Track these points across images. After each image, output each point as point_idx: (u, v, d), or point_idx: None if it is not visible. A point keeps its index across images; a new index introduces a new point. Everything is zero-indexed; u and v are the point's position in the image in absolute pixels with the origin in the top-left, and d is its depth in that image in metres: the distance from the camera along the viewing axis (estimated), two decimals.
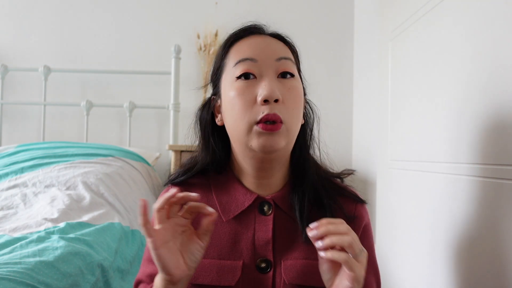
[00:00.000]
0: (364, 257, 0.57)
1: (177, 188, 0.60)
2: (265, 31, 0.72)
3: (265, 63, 0.65)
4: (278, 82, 0.65)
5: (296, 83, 0.67)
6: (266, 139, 0.62)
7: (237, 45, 0.69)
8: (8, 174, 1.51)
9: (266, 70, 0.65)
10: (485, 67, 0.87)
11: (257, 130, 0.63)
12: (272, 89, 0.62)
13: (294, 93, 0.66)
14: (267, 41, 0.69)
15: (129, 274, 1.10)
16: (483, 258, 0.84)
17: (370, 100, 1.87)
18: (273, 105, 0.62)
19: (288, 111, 0.64)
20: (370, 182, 1.81)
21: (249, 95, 0.64)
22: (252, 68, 0.65)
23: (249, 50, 0.67)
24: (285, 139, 0.64)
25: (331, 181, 0.75)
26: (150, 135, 2.16)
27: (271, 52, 0.67)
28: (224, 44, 0.71)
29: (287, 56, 0.68)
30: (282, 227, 0.70)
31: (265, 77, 0.64)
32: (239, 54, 0.67)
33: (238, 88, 0.65)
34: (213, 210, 0.61)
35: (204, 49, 2.10)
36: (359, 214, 0.73)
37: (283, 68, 0.66)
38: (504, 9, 0.81)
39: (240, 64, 0.66)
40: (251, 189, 0.71)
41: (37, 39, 2.16)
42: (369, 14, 1.93)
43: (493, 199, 0.83)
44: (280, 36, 0.72)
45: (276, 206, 0.70)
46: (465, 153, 0.94)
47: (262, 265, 0.67)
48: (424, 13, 1.18)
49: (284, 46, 0.70)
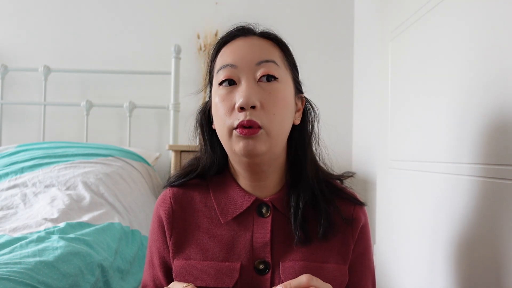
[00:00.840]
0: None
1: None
2: (254, 31, 0.70)
3: (244, 68, 0.65)
4: (258, 87, 0.65)
5: (278, 85, 0.66)
6: (245, 143, 0.63)
7: (223, 50, 0.69)
8: (8, 174, 1.51)
9: (245, 76, 0.65)
10: (486, 67, 0.87)
11: (236, 134, 0.64)
12: (247, 96, 0.62)
13: (274, 96, 0.65)
14: (251, 44, 0.67)
15: (129, 274, 1.10)
16: (483, 258, 0.84)
17: (370, 100, 1.87)
18: (250, 112, 0.63)
19: (267, 116, 0.64)
20: (370, 182, 1.81)
21: (229, 102, 0.65)
22: (231, 74, 0.65)
23: (230, 55, 0.67)
24: (265, 144, 0.64)
25: (330, 182, 0.75)
26: (150, 135, 2.16)
27: (251, 56, 0.66)
28: (214, 48, 0.72)
29: (268, 59, 0.66)
30: (280, 229, 0.69)
31: (243, 82, 0.64)
32: (221, 60, 0.68)
33: (220, 94, 0.66)
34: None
35: (204, 49, 2.10)
36: (357, 216, 0.73)
37: (263, 72, 0.65)
38: (505, 9, 0.81)
39: (222, 70, 0.66)
40: (248, 191, 0.71)
41: (37, 39, 2.16)
42: (369, 14, 1.93)
43: (493, 199, 0.83)
44: (268, 35, 0.70)
45: (274, 208, 0.70)
46: (465, 153, 0.93)
47: (260, 267, 0.67)
48: (424, 13, 1.18)
49: (270, 46, 0.68)
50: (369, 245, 0.75)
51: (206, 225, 0.70)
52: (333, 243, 0.70)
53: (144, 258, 1.22)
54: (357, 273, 0.72)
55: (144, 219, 1.46)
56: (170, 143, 1.98)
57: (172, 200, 0.73)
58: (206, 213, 0.71)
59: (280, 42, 0.71)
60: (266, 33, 0.70)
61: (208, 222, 0.71)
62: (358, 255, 0.72)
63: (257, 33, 0.70)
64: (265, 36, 0.70)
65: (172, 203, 0.73)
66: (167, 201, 0.73)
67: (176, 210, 0.72)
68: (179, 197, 0.73)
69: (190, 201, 0.73)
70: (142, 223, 1.42)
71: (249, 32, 0.70)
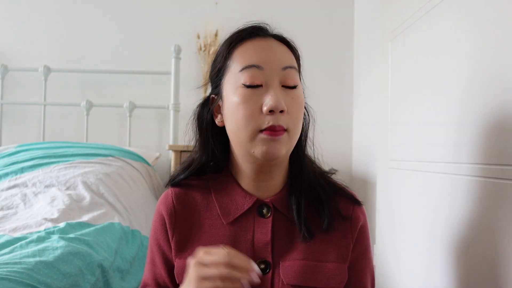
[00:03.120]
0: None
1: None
2: (269, 32, 0.71)
3: (272, 72, 0.66)
4: (283, 91, 0.66)
5: (298, 91, 0.68)
6: (270, 146, 0.64)
7: (241, 48, 0.68)
8: (8, 174, 1.51)
9: (272, 79, 0.65)
10: (485, 67, 0.87)
11: (262, 137, 0.64)
12: (278, 101, 0.63)
13: (297, 102, 0.67)
14: (272, 46, 0.68)
15: (129, 274, 1.10)
16: (482, 257, 0.84)
17: (370, 100, 1.87)
18: (278, 116, 0.64)
19: (291, 120, 0.66)
20: (370, 182, 1.81)
21: (254, 104, 0.64)
22: (258, 75, 0.65)
23: (255, 55, 0.66)
24: (286, 147, 0.66)
25: (329, 180, 0.76)
26: (150, 135, 2.16)
27: (277, 59, 0.67)
28: (228, 44, 0.70)
29: (292, 65, 0.68)
30: (281, 229, 0.70)
31: (271, 86, 0.65)
32: (244, 59, 0.66)
33: (243, 95, 0.65)
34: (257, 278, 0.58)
35: (204, 49, 2.10)
36: (356, 215, 0.73)
37: (288, 79, 0.66)
38: (504, 9, 0.81)
39: (246, 70, 0.65)
40: (249, 191, 0.72)
41: (37, 39, 2.16)
42: (369, 14, 1.93)
43: (493, 199, 0.83)
44: (284, 40, 0.71)
45: (274, 208, 0.71)
46: (465, 153, 0.93)
47: (261, 267, 0.68)
48: (424, 13, 1.18)
49: (288, 51, 0.70)
50: (368, 244, 0.75)
51: (207, 225, 0.71)
52: (333, 242, 0.70)
53: (144, 258, 1.22)
54: (357, 272, 0.73)
55: (144, 219, 1.46)
56: (170, 143, 1.98)
57: (174, 199, 0.73)
58: (208, 213, 0.72)
59: (294, 49, 0.72)
60: (282, 38, 0.71)
61: (209, 223, 0.71)
62: (357, 254, 0.73)
63: (272, 34, 0.71)
64: (282, 40, 0.71)
65: (174, 202, 0.73)
66: (169, 200, 0.74)
67: (178, 210, 0.72)
68: (181, 197, 0.74)
69: (192, 202, 0.73)
70: (142, 223, 1.42)
71: (264, 34, 0.70)
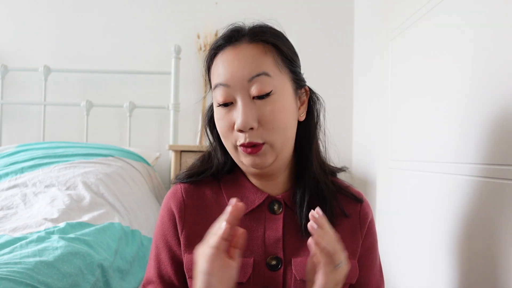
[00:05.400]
0: (342, 271, 0.59)
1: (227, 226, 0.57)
2: (244, 31, 0.67)
3: (236, 88, 0.64)
4: (253, 104, 0.64)
5: (274, 97, 0.64)
6: (252, 159, 0.65)
7: (214, 63, 0.69)
8: (8, 174, 1.51)
9: (239, 94, 0.65)
10: (486, 67, 0.87)
11: (241, 151, 0.66)
12: (245, 120, 0.63)
13: (271, 111, 0.64)
14: (239, 57, 0.65)
15: (129, 274, 1.10)
16: (483, 257, 0.84)
17: (370, 100, 1.87)
18: (250, 133, 0.64)
19: (267, 131, 0.64)
20: (370, 182, 1.81)
21: (227, 121, 0.66)
22: (226, 93, 0.65)
23: (222, 72, 0.66)
24: (271, 156, 0.66)
25: (335, 180, 0.77)
26: (150, 135, 2.16)
27: (241, 72, 0.64)
28: (206, 60, 0.72)
29: (259, 72, 0.64)
30: (292, 225, 0.71)
31: (238, 102, 0.65)
32: (214, 77, 0.68)
33: (218, 113, 0.68)
34: (243, 230, 0.59)
35: (204, 49, 2.10)
36: (364, 212, 0.75)
37: (257, 89, 0.63)
38: (505, 8, 0.81)
39: (217, 89, 0.67)
40: (260, 188, 0.72)
41: (37, 39, 2.16)
42: (369, 14, 1.93)
43: (494, 199, 0.82)
44: (257, 37, 0.66)
45: (285, 205, 0.71)
46: (465, 153, 0.93)
47: (273, 263, 0.68)
48: (424, 13, 1.18)
49: (260, 53, 0.65)
50: (375, 239, 0.77)
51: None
52: (343, 239, 0.70)
53: (144, 258, 1.22)
54: (366, 267, 0.74)
55: (144, 219, 1.46)
56: (170, 143, 1.98)
57: (184, 194, 0.73)
58: (218, 208, 0.71)
59: (270, 41, 0.67)
60: (256, 35, 0.67)
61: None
62: (366, 249, 0.74)
63: (246, 35, 0.67)
64: (255, 38, 0.66)
65: (184, 197, 0.73)
66: (179, 195, 0.73)
67: (188, 204, 0.72)
68: (191, 192, 0.73)
69: (202, 197, 0.73)
70: (142, 223, 1.41)
71: (237, 38, 0.67)
